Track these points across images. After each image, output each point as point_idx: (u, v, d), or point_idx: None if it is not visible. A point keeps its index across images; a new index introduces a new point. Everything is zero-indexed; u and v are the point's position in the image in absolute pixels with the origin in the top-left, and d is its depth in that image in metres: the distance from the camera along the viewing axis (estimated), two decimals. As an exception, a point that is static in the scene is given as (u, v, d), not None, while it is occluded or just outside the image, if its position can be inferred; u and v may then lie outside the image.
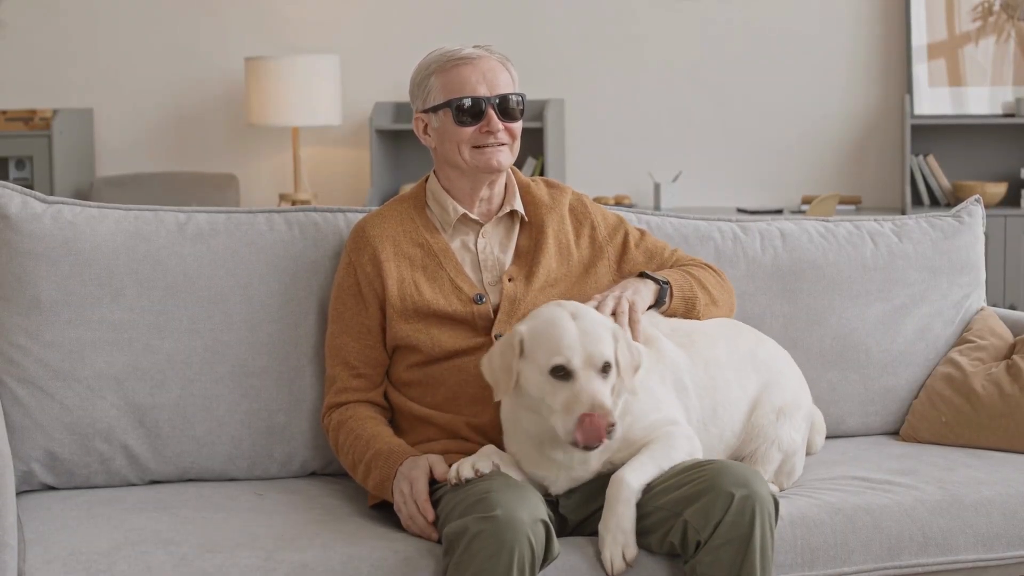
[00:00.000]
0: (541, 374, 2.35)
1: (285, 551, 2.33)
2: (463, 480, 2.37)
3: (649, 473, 2.39)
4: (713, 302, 2.77)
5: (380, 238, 2.67)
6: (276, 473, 2.79)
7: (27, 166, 6.05)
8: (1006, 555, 2.62)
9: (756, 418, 2.65)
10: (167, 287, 2.73)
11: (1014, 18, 5.76)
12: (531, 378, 2.36)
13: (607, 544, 2.36)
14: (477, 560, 2.20)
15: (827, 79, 5.97)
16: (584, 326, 2.37)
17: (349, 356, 2.66)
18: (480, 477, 2.36)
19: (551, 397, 2.33)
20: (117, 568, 2.26)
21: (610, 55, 6.07)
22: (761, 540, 2.29)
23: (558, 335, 2.35)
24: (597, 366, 2.34)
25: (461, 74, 2.63)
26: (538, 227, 2.72)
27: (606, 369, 2.36)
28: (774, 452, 2.64)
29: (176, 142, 6.32)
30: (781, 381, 2.71)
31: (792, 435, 2.66)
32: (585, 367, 2.33)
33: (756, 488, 2.30)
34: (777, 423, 2.65)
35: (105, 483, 2.71)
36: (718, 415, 2.62)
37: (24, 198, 2.72)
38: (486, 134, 2.63)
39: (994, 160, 5.86)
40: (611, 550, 2.35)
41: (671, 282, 2.71)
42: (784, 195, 6.04)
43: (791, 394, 2.70)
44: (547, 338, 2.36)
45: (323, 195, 6.26)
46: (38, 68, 6.28)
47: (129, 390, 2.70)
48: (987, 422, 2.96)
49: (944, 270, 3.17)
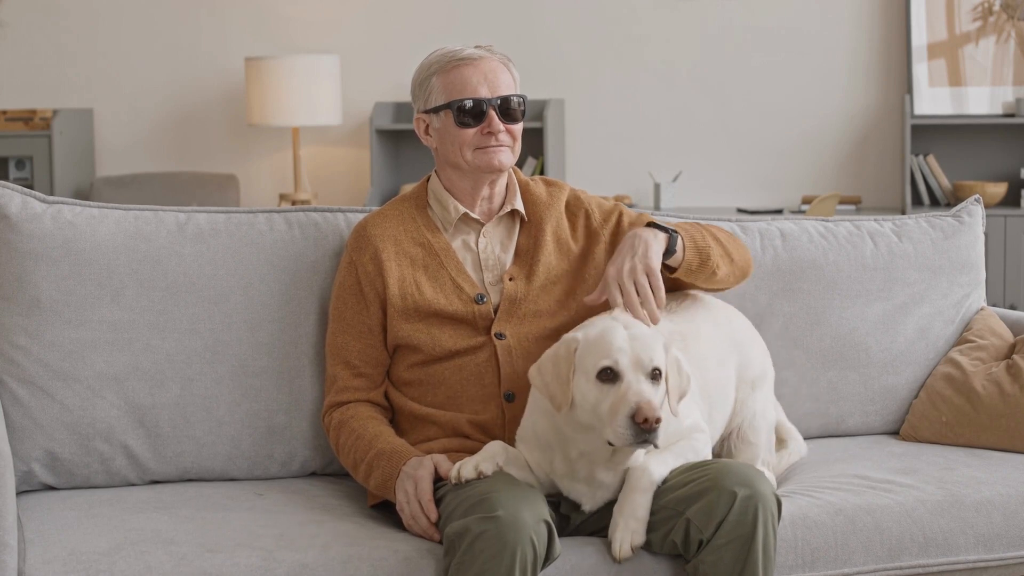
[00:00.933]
0: (589, 381, 2.32)
1: (285, 551, 2.33)
2: (464, 480, 2.36)
3: (670, 467, 2.40)
4: (727, 255, 2.70)
5: (381, 237, 2.67)
6: (276, 473, 2.79)
7: (27, 166, 6.05)
8: (1007, 555, 2.62)
9: (736, 394, 2.70)
10: (167, 287, 2.73)
11: (1014, 18, 5.76)
12: (580, 387, 2.34)
13: (619, 528, 2.36)
14: (479, 560, 2.20)
15: (827, 79, 5.97)
16: (635, 333, 2.36)
17: (350, 355, 2.65)
18: (481, 478, 2.36)
19: (601, 404, 2.30)
20: (117, 568, 2.26)
21: (610, 55, 6.08)
22: (763, 539, 2.29)
23: (608, 340, 2.34)
24: (646, 370, 2.32)
25: (462, 75, 2.63)
26: (537, 226, 2.72)
27: (655, 376, 2.33)
28: (759, 422, 2.70)
29: (176, 142, 6.32)
30: (751, 354, 2.75)
31: (766, 404, 2.73)
32: (634, 369, 2.31)
33: (759, 487, 2.31)
34: (754, 395, 2.71)
35: (105, 483, 2.71)
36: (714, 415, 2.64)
37: (24, 198, 2.72)
38: (487, 135, 2.63)
39: (994, 160, 5.86)
40: (622, 535, 2.36)
41: (681, 232, 2.62)
42: (784, 195, 6.04)
43: (759, 365, 2.76)
44: (597, 344, 2.34)
45: (323, 195, 6.26)
46: (38, 68, 6.29)
47: (129, 390, 2.70)
48: (987, 422, 2.96)
49: (944, 270, 3.17)
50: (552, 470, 2.43)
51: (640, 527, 2.36)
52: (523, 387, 2.57)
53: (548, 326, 2.64)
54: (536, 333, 2.63)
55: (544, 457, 2.44)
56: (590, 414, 2.32)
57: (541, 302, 2.64)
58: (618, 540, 2.36)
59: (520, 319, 2.63)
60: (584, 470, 2.40)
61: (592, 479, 2.40)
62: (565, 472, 2.42)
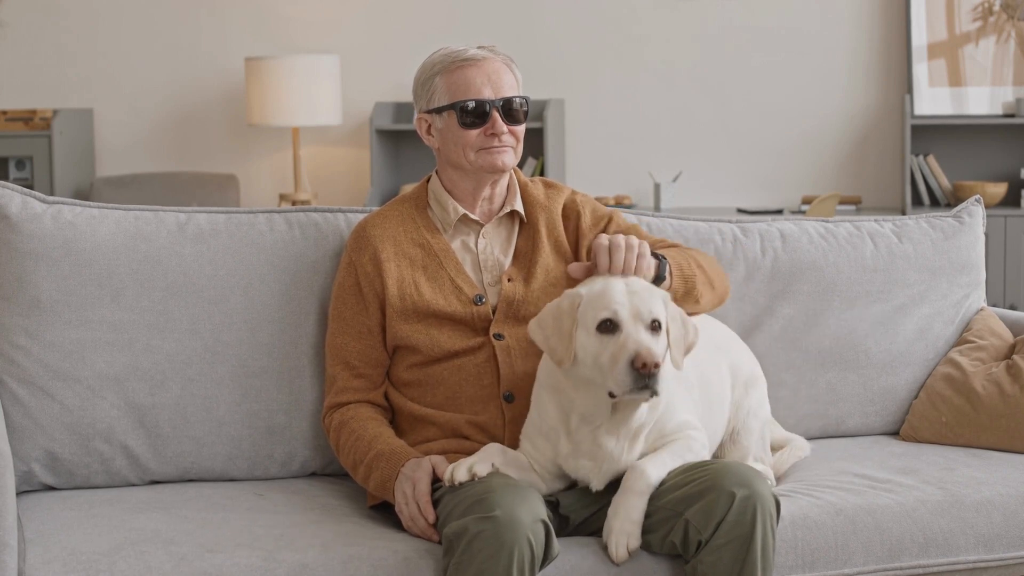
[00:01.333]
0: (590, 334, 2.36)
1: (285, 551, 2.33)
2: (457, 483, 2.36)
3: (668, 469, 2.41)
4: (709, 282, 2.72)
5: (381, 238, 2.67)
6: (276, 473, 2.79)
7: (27, 166, 6.05)
8: (1007, 555, 2.62)
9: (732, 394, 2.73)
10: (167, 287, 2.73)
11: (1014, 18, 5.76)
12: (581, 340, 2.38)
13: (614, 531, 2.37)
14: (477, 560, 2.20)
15: (827, 79, 5.97)
16: (634, 287, 2.40)
17: (350, 356, 2.65)
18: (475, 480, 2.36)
19: (601, 355, 2.34)
20: (117, 568, 2.26)
21: (610, 55, 6.07)
22: (762, 540, 2.30)
23: (608, 294, 2.38)
24: (645, 321, 2.36)
25: (466, 76, 2.63)
26: (534, 227, 2.72)
27: (655, 328, 2.37)
28: (752, 422, 2.72)
29: (176, 142, 6.32)
30: (738, 357, 2.79)
31: (761, 402, 2.76)
32: (633, 320, 2.35)
33: (757, 488, 2.31)
34: (748, 395, 2.74)
35: (105, 483, 2.71)
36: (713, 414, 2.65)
37: (24, 198, 2.72)
38: (490, 136, 2.62)
39: (994, 160, 5.86)
40: (617, 537, 2.36)
41: (669, 259, 2.63)
42: (784, 195, 6.04)
43: (748, 366, 2.79)
44: (598, 297, 2.39)
45: (323, 195, 6.26)
46: (38, 68, 6.29)
47: (129, 390, 2.70)
48: (987, 422, 2.96)
49: (944, 270, 3.17)
50: (557, 454, 2.44)
51: (635, 530, 2.36)
52: (522, 387, 2.57)
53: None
54: (536, 333, 2.63)
55: (549, 444, 2.45)
56: (591, 367, 2.35)
57: (541, 304, 2.64)
58: (613, 544, 2.36)
59: (518, 320, 2.63)
60: (587, 440, 2.41)
61: (597, 450, 2.41)
62: (570, 451, 2.43)
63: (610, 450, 2.41)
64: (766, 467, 2.73)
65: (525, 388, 2.56)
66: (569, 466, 2.45)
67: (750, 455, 2.72)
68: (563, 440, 2.43)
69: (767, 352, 3.03)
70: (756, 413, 2.74)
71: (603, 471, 2.43)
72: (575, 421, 2.42)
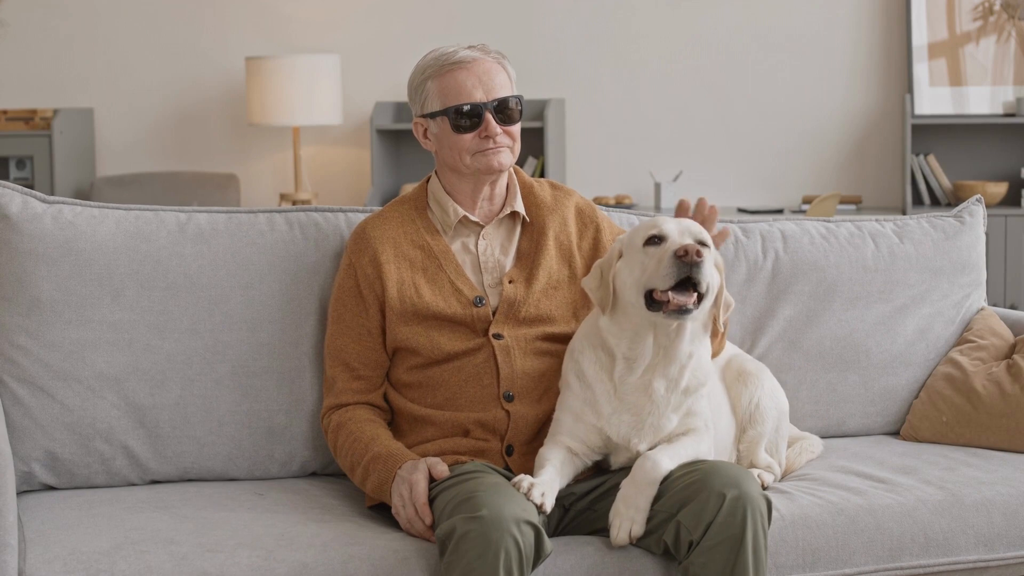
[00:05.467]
0: (636, 253, 2.43)
1: (285, 551, 2.33)
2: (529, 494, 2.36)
3: (680, 461, 2.42)
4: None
5: (381, 240, 2.67)
6: (276, 473, 2.79)
7: (27, 166, 6.05)
8: (1007, 555, 2.62)
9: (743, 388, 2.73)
10: (167, 287, 2.73)
11: (1014, 18, 5.76)
12: (622, 272, 2.44)
13: (620, 514, 2.38)
14: (465, 560, 2.21)
15: (827, 79, 5.97)
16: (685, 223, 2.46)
17: (349, 358, 2.65)
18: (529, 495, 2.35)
19: (647, 264, 2.40)
20: (117, 568, 2.26)
21: (610, 55, 6.07)
22: (753, 540, 2.30)
23: (656, 219, 2.46)
24: (694, 236, 2.43)
25: (456, 79, 2.61)
26: (539, 229, 2.71)
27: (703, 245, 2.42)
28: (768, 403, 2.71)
29: (176, 142, 6.32)
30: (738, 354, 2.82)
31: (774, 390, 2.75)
32: (680, 234, 2.42)
33: (747, 488, 2.31)
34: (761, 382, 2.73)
35: (105, 483, 2.71)
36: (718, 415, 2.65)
37: (24, 198, 2.72)
38: (485, 139, 2.61)
39: (995, 160, 5.86)
40: (621, 522, 2.37)
41: None
42: (784, 195, 6.04)
43: (751, 362, 2.79)
44: (644, 224, 2.47)
45: (323, 195, 6.26)
46: (38, 68, 6.28)
47: (129, 390, 2.70)
48: (988, 422, 2.96)
49: (945, 270, 3.17)
50: (599, 416, 2.46)
51: (640, 517, 2.37)
52: (522, 387, 2.57)
53: (548, 331, 2.64)
54: (535, 334, 2.63)
55: (589, 408, 2.47)
56: (632, 289, 2.41)
57: (542, 306, 2.63)
58: (616, 526, 2.38)
59: (519, 321, 2.63)
60: (633, 390, 2.44)
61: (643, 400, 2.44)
62: (614, 408, 2.46)
63: (658, 395, 2.43)
64: (773, 461, 2.72)
65: (525, 387, 2.57)
66: (613, 428, 2.46)
67: (764, 439, 2.71)
68: (604, 401, 2.46)
69: (768, 352, 3.04)
70: (772, 395, 2.73)
71: (646, 427, 2.44)
72: (620, 370, 2.44)
